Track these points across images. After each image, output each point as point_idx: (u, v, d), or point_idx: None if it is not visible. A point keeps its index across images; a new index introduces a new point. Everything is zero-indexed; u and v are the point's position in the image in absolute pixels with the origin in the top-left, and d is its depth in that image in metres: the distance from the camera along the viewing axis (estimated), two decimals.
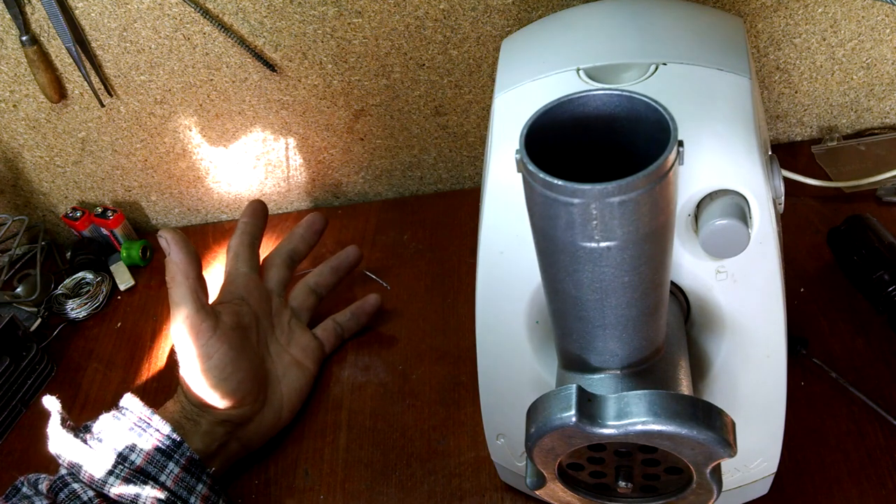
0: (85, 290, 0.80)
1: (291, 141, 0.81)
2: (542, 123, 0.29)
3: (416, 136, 0.80)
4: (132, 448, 0.52)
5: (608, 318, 0.32)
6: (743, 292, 0.40)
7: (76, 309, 0.78)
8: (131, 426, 0.53)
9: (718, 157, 0.37)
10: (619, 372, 0.34)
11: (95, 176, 0.84)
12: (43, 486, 0.51)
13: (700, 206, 0.38)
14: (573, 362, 0.35)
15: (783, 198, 0.41)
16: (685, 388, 0.36)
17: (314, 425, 0.63)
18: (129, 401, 0.54)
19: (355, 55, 0.73)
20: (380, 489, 0.58)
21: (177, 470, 0.52)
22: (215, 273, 0.81)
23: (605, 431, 0.30)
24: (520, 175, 0.28)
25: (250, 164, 0.83)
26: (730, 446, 0.31)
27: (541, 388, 0.42)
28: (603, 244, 0.28)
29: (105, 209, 0.83)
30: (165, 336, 0.75)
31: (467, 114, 0.78)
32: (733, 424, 0.32)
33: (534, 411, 0.32)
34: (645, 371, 0.34)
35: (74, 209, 0.83)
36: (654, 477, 0.35)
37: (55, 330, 0.77)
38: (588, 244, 0.28)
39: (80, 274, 0.81)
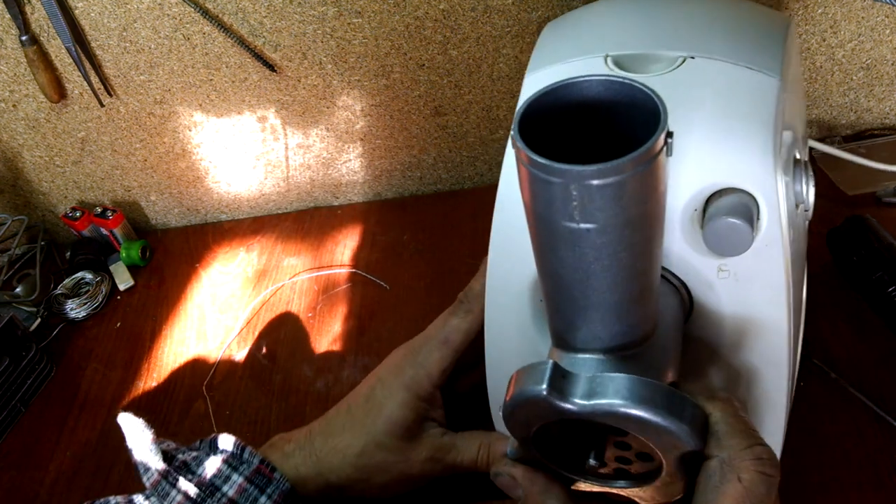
0: (84, 290, 0.80)
1: (291, 141, 0.81)
2: (544, 105, 0.29)
3: (415, 136, 0.80)
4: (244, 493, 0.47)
5: (591, 299, 0.32)
6: (745, 293, 0.40)
7: (76, 309, 0.78)
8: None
9: (731, 155, 0.37)
10: (602, 355, 0.34)
11: (95, 176, 0.84)
12: None
13: (709, 201, 0.37)
14: (561, 341, 0.36)
15: (811, 206, 0.40)
16: (667, 378, 0.36)
17: None
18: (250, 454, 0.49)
19: (355, 55, 0.73)
20: None
21: None
22: (213, 273, 0.81)
23: (573, 408, 0.31)
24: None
25: (250, 164, 0.83)
26: (695, 437, 0.31)
27: None
28: (583, 225, 0.28)
29: (105, 209, 0.83)
30: (164, 336, 0.75)
31: (467, 114, 0.78)
32: (705, 418, 0.32)
33: (511, 382, 0.33)
34: (629, 357, 0.34)
35: (74, 209, 0.83)
36: (626, 461, 0.36)
37: (55, 330, 0.77)
38: (569, 224, 0.28)
39: (80, 274, 0.81)
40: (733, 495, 0.31)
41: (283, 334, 0.72)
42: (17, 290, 0.78)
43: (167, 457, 0.47)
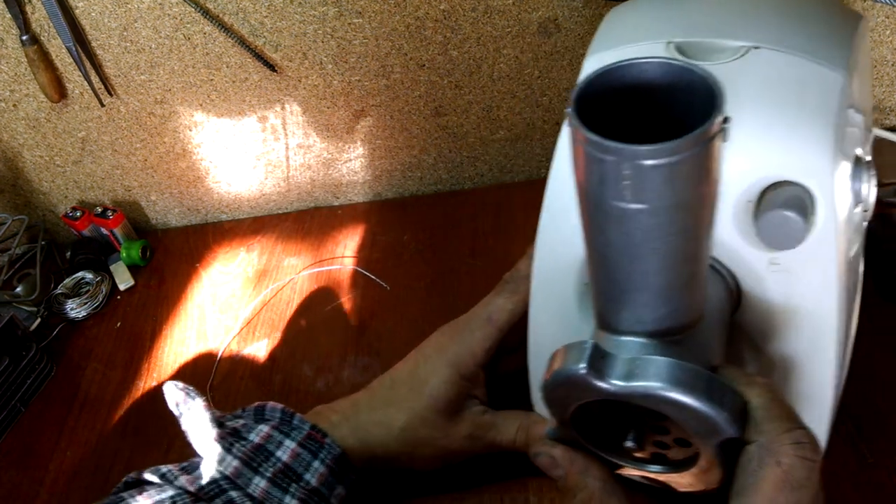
0: (84, 289, 0.80)
1: (291, 141, 0.81)
2: (601, 85, 0.29)
3: (416, 136, 0.80)
4: (301, 463, 0.48)
5: (636, 282, 0.32)
6: (796, 289, 0.39)
7: (76, 309, 0.78)
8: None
9: (790, 148, 0.36)
10: (645, 340, 0.34)
11: (95, 175, 0.84)
12: (182, 478, 0.46)
13: (764, 193, 0.37)
14: (604, 323, 0.35)
15: (871, 207, 0.39)
16: (707, 365, 0.36)
17: None
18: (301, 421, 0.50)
19: (355, 55, 0.73)
20: None
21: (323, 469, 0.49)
22: (213, 273, 0.81)
23: (610, 388, 0.31)
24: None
25: (250, 164, 0.83)
26: (734, 424, 0.31)
27: None
28: (633, 206, 0.28)
29: (105, 209, 0.83)
30: (165, 336, 0.75)
31: (467, 114, 0.78)
32: (744, 405, 0.32)
33: (552, 360, 0.33)
34: (673, 342, 0.34)
35: (74, 209, 0.83)
36: (664, 446, 0.36)
37: (55, 330, 0.77)
38: (619, 203, 0.28)
39: (80, 274, 0.81)
40: (773, 480, 0.30)
41: (283, 334, 0.72)
42: (18, 289, 0.78)
43: (216, 424, 0.48)
